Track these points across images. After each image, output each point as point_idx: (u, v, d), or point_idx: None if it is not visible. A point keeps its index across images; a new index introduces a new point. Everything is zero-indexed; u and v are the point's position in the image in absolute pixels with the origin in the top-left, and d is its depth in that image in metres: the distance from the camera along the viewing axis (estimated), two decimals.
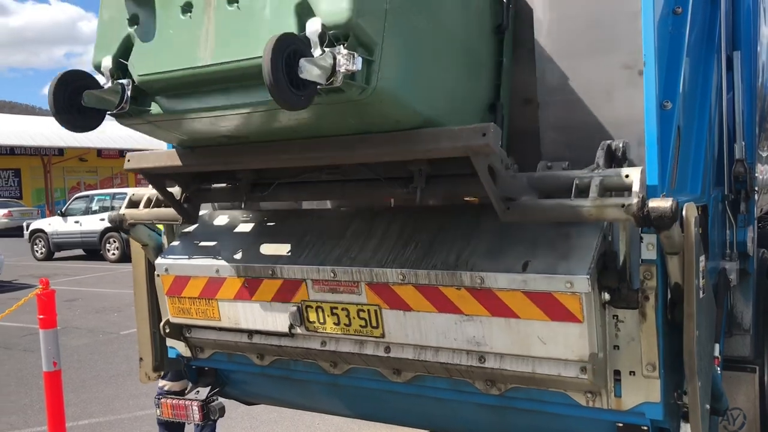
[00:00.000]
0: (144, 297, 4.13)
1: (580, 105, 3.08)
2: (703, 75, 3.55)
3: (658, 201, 2.52)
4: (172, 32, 2.68)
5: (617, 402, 2.87)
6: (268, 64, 2.15)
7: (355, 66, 2.28)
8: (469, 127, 2.58)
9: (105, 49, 2.84)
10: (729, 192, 3.92)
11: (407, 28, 2.55)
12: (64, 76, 2.68)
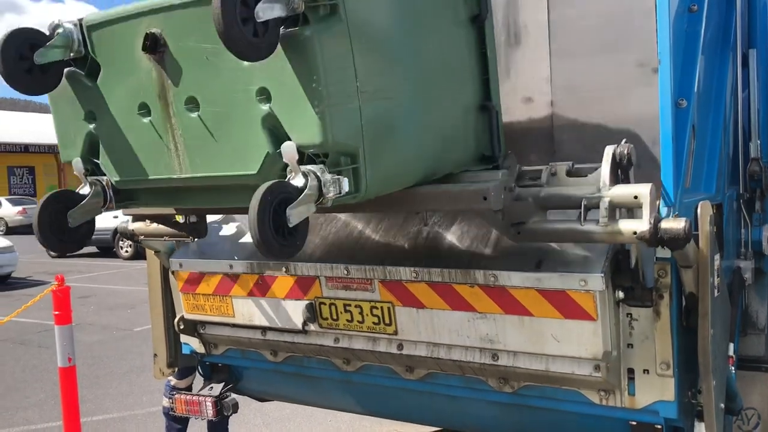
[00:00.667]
0: (158, 294, 4.16)
1: (593, 103, 3.07)
2: (719, 73, 3.52)
3: (671, 222, 2.50)
4: (138, 135, 2.61)
5: (631, 400, 2.86)
6: (255, 228, 2.07)
7: (343, 188, 2.24)
8: (470, 189, 2.55)
9: (70, 147, 2.81)
10: (744, 191, 3.89)
11: (384, 106, 2.42)
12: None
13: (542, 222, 2.71)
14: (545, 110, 3.13)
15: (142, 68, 2.48)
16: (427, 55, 2.61)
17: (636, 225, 2.49)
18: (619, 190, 2.55)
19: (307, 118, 2.19)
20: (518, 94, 3.17)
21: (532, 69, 3.14)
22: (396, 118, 2.48)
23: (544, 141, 3.15)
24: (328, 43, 2.18)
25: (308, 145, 2.22)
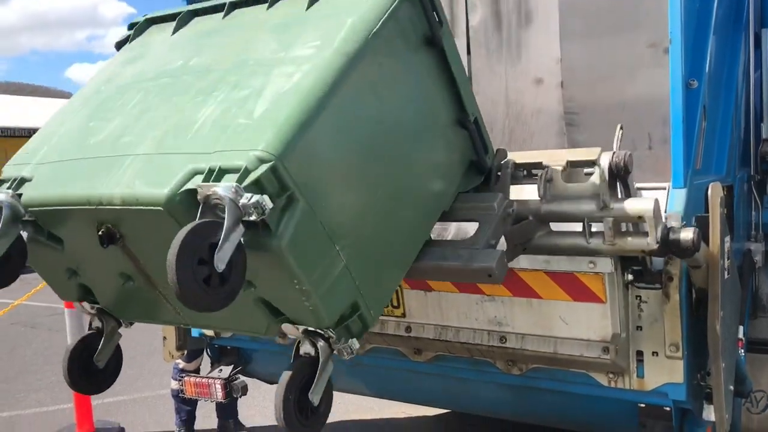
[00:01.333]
0: None
1: (604, 84, 3.04)
2: (731, 53, 3.48)
3: (680, 233, 2.49)
4: (130, 293, 2.47)
5: (640, 383, 2.86)
6: (281, 416, 2.11)
7: (354, 347, 2.26)
8: (473, 267, 2.45)
9: (65, 293, 2.73)
10: (755, 172, 3.86)
11: (366, 234, 2.28)
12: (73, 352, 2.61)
13: (547, 237, 2.69)
14: (555, 91, 3.10)
15: (109, 250, 2.24)
16: (396, 142, 2.42)
17: (643, 243, 2.50)
18: (621, 209, 2.51)
19: (299, 310, 2.13)
20: (529, 75, 3.15)
21: (543, 50, 3.11)
22: (380, 232, 2.34)
23: (554, 122, 3.13)
24: (297, 238, 1.99)
25: (308, 326, 2.19)
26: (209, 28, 2.68)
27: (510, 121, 3.21)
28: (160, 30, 2.83)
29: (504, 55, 3.19)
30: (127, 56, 2.82)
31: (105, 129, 2.39)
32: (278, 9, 2.54)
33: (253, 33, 2.51)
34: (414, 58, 2.43)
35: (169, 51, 2.68)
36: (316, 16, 2.39)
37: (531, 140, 3.17)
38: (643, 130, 2.96)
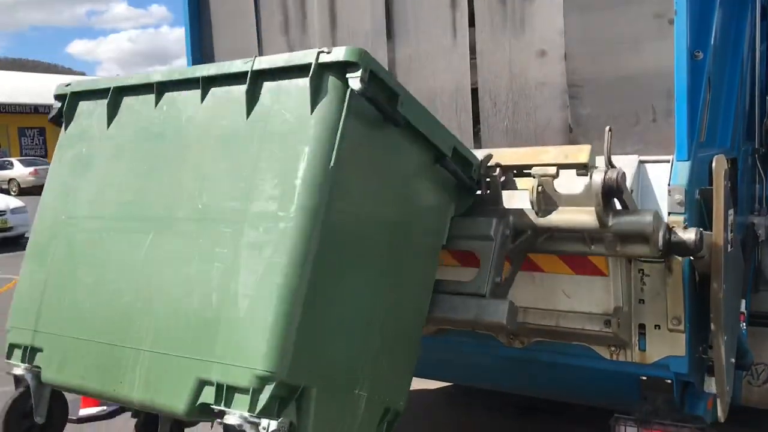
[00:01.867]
0: None
1: (608, 56, 3.00)
2: (736, 25, 3.44)
3: (683, 234, 2.51)
4: None
5: (641, 355, 2.86)
6: None
7: None
8: (486, 321, 2.56)
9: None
10: (760, 146, 3.84)
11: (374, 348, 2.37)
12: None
13: (549, 242, 2.72)
14: (559, 64, 3.06)
15: None
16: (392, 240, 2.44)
17: (646, 249, 2.52)
18: (619, 227, 2.52)
19: None
20: (533, 47, 3.11)
21: (546, 22, 3.07)
22: (389, 335, 2.43)
23: (557, 95, 3.10)
24: (319, 419, 2.13)
25: None
26: (146, 125, 2.60)
27: (513, 94, 3.18)
28: (93, 112, 2.78)
29: (508, 28, 3.15)
30: (72, 158, 2.81)
31: (91, 289, 2.53)
32: (214, 107, 2.42)
33: (199, 154, 2.42)
34: (380, 147, 2.34)
35: (115, 162, 2.66)
36: (262, 131, 2.26)
37: (534, 113, 3.14)
38: (647, 102, 2.93)
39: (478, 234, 2.66)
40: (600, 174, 2.47)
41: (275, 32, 3.89)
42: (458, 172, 2.62)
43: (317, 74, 2.14)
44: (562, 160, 2.65)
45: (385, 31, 3.47)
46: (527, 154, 2.78)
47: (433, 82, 3.38)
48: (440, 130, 2.56)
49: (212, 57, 4.12)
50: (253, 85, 2.29)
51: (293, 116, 2.19)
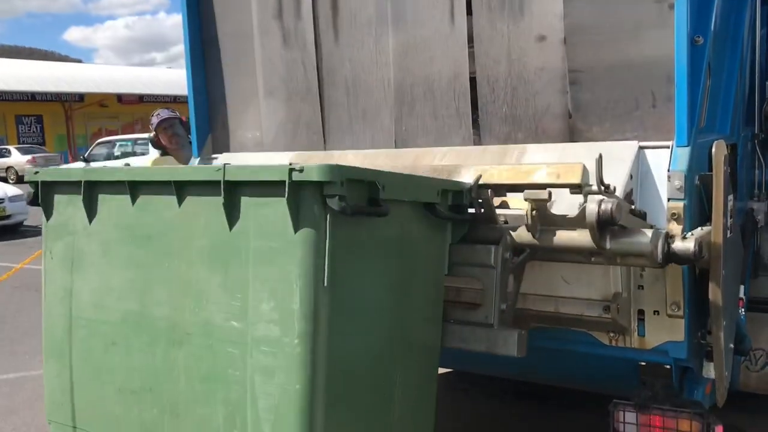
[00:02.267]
0: None
1: (607, 40, 2.99)
2: (737, 9, 3.42)
3: (682, 244, 2.50)
4: None
5: (641, 341, 2.87)
6: None
7: None
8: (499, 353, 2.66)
9: None
10: (759, 131, 3.82)
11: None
12: None
13: (551, 253, 2.73)
14: (559, 48, 3.05)
15: None
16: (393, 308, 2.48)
17: (647, 262, 2.54)
18: (618, 250, 2.55)
19: None
20: (532, 32, 3.09)
21: (545, 7, 3.05)
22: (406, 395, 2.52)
23: (556, 80, 3.08)
24: None
25: None
26: (129, 224, 2.58)
27: (512, 79, 3.16)
28: (70, 204, 2.76)
29: (506, 13, 3.13)
30: (62, 251, 2.81)
31: (118, 395, 2.59)
32: (194, 214, 2.38)
33: (189, 265, 2.40)
34: (369, 236, 2.30)
35: (106, 263, 2.65)
36: (247, 248, 2.23)
37: (533, 99, 3.13)
38: (646, 87, 2.92)
39: (479, 263, 2.69)
40: (594, 204, 2.46)
41: (269, 17, 3.87)
42: (450, 212, 2.64)
43: (293, 191, 2.09)
44: (554, 179, 2.65)
45: (389, 16, 3.45)
46: (519, 173, 2.77)
47: (431, 68, 3.37)
48: (424, 183, 2.55)
49: (210, 43, 4.10)
50: (229, 198, 2.25)
51: (276, 234, 2.15)
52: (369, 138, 3.61)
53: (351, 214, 2.10)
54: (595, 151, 2.90)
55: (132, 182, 2.53)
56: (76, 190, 2.68)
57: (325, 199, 2.07)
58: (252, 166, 2.25)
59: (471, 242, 2.74)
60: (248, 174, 2.20)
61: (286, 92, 3.86)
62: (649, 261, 2.52)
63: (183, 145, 5.23)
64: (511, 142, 3.21)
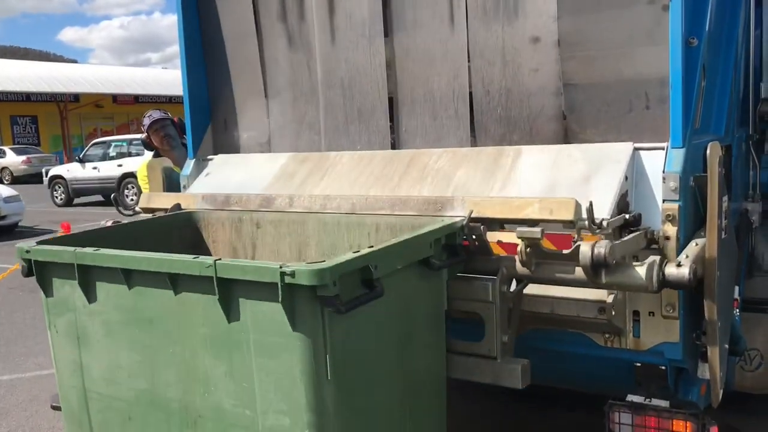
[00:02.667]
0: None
1: (601, 43, 2.99)
2: (731, 11, 3.43)
3: (676, 271, 2.53)
4: None
5: (636, 342, 2.88)
6: None
7: None
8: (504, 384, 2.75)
9: None
10: (753, 132, 3.84)
11: None
12: None
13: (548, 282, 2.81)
14: (553, 50, 3.05)
15: None
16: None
17: (642, 288, 2.58)
18: (613, 284, 2.61)
19: None
20: (526, 33, 3.09)
21: (540, 8, 3.05)
22: None
23: (551, 81, 3.09)
24: None
25: None
26: (129, 307, 2.59)
27: (507, 81, 3.16)
28: (66, 283, 2.75)
29: (501, 14, 3.14)
30: (65, 327, 2.81)
31: None
32: (191, 305, 2.39)
33: (192, 352, 2.42)
34: (368, 313, 2.30)
35: (112, 342, 2.66)
36: (248, 341, 2.26)
37: (528, 100, 3.14)
38: (640, 89, 2.92)
39: (477, 298, 2.77)
40: (587, 247, 2.50)
41: (273, 19, 3.87)
42: (444, 255, 2.67)
43: (287, 293, 2.11)
44: (546, 215, 2.67)
45: (382, 18, 3.45)
46: (511, 207, 2.79)
47: (431, 70, 3.37)
48: (417, 242, 2.54)
49: (208, 43, 4.09)
50: (223, 294, 2.27)
51: (274, 330, 2.18)
52: (365, 139, 3.61)
53: (346, 311, 2.13)
54: (589, 153, 2.92)
55: (125, 270, 2.54)
56: (71, 273, 2.69)
57: (320, 299, 2.10)
58: (244, 264, 2.25)
59: (467, 273, 2.81)
60: (240, 272, 2.22)
61: (291, 93, 3.87)
62: (644, 290, 2.58)
63: (175, 146, 5.20)
64: (506, 143, 3.21)
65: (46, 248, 2.77)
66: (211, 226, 3.54)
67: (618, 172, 2.80)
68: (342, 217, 3.12)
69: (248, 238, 3.41)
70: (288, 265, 2.10)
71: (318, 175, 3.53)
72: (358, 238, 3.04)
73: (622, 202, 2.77)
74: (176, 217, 3.56)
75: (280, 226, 3.28)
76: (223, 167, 3.98)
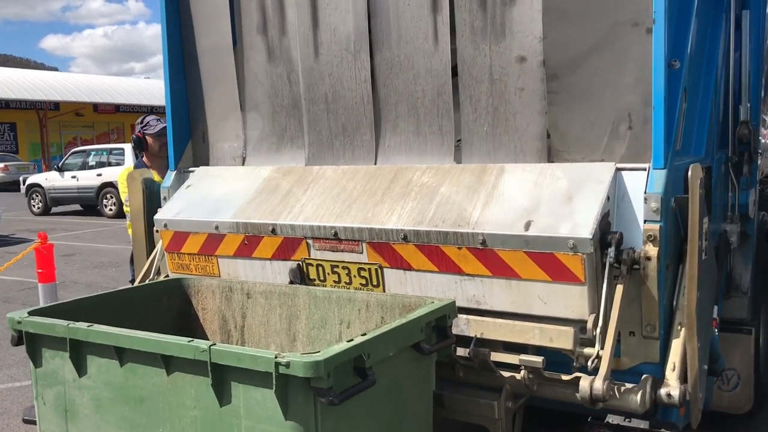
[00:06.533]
0: (143, 252, 4.13)
1: (586, 62, 3.02)
2: (711, 34, 3.48)
3: (667, 399, 2.74)
4: None
5: (616, 362, 2.88)
6: None
7: None
8: None
9: None
10: (732, 154, 3.88)
11: None
12: None
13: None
14: (538, 70, 3.07)
15: None
16: None
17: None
18: (610, 403, 2.76)
19: None
20: (512, 53, 3.11)
21: (526, 28, 3.08)
22: None
23: (536, 101, 3.11)
24: None
25: None
26: (120, 384, 2.59)
27: (493, 99, 3.18)
28: (57, 356, 2.74)
29: (489, 33, 3.16)
30: (54, 400, 2.80)
31: None
32: (184, 386, 2.41)
33: (180, 430, 2.43)
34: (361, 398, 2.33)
35: (101, 419, 2.66)
36: (239, 426, 2.28)
37: (514, 119, 3.15)
38: (623, 110, 2.95)
39: (485, 414, 3.00)
40: (587, 383, 2.72)
41: (253, 32, 3.86)
42: (433, 337, 2.72)
43: (281, 383, 2.15)
44: (546, 343, 2.86)
45: (368, 32, 3.46)
46: (513, 332, 2.94)
47: (414, 86, 3.38)
48: (408, 327, 2.58)
49: (189, 55, 4.08)
50: (217, 378, 2.29)
51: (267, 417, 2.22)
52: (349, 154, 3.60)
53: (339, 402, 2.15)
54: (572, 172, 2.94)
55: (118, 348, 2.54)
56: (62, 346, 2.68)
57: (314, 390, 2.13)
58: (239, 352, 2.27)
59: (472, 387, 3.03)
60: (235, 360, 2.24)
61: (271, 107, 3.85)
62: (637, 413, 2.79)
63: (164, 157, 5.17)
64: (491, 161, 3.23)
65: (38, 320, 2.76)
66: (201, 293, 3.53)
67: (600, 192, 2.82)
68: (332, 292, 3.16)
69: (238, 308, 3.42)
70: (283, 355, 2.13)
71: (301, 189, 3.51)
72: (348, 314, 3.08)
73: (603, 221, 2.78)
74: (166, 284, 3.57)
75: (271, 297, 3.31)
76: (204, 179, 3.95)
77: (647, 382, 2.76)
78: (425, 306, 2.73)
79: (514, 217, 2.89)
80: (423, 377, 2.73)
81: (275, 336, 3.25)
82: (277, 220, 3.40)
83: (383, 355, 2.40)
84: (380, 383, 2.35)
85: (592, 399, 2.70)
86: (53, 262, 5.40)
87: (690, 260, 2.70)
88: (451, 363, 3.04)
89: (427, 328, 2.66)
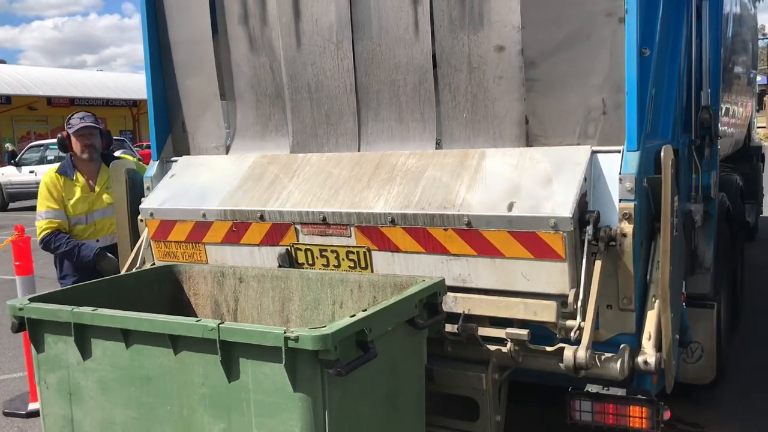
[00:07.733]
0: (127, 240, 4.17)
1: (562, 52, 3.15)
2: (675, 24, 3.65)
3: (644, 366, 2.94)
4: None
5: (595, 334, 3.04)
6: None
7: None
8: None
9: None
10: (695, 137, 4.08)
11: None
12: None
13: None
14: (516, 58, 3.21)
15: None
16: None
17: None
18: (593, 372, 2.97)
19: None
20: (491, 42, 3.24)
21: (504, 18, 3.20)
22: None
23: (514, 88, 3.24)
24: None
25: None
26: (125, 366, 2.65)
27: (473, 87, 3.31)
28: (60, 340, 2.79)
29: (467, 24, 3.28)
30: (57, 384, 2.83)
31: None
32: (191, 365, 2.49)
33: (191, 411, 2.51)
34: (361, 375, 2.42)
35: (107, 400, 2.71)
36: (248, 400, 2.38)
37: (493, 106, 3.28)
38: (597, 96, 3.10)
39: (473, 386, 3.15)
40: (570, 352, 2.91)
41: (234, 22, 3.91)
42: (425, 314, 2.85)
43: (290, 357, 2.25)
44: (531, 317, 3.02)
45: (350, 22, 3.55)
46: (499, 307, 3.10)
47: (396, 75, 3.48)
48: (405, 304, 2.71)
49: (168, 46, 4.11)
50: (226, 356, 2.38)
51: (275, 390, 2.32)
52: (333, 141, 3.70)
53: (346, 374, 2.27)
54: (550, 155, 3.09)
55: (125, 330, 2.60)
56: (67, 331, 2.73)
57: (321, 363, 2.25)
58: (248, 329, 2.36)
59: (461, 360, 3.20)
60: (244, 336, 2.34)
61: (254, 96, 3.91)
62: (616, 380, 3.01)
63: (93, 158, 4.97)
64: (470, 146, 3.36)
65: (41, 307, 2.81)
66: (192, 279, 3.60)
67: (578, 173, 2.97)
68: (325, 274, 3.26)
69: (230, 292, 3.49)
70: (292, 330, 2.24)
71: (287, 175, 3.60)
72: (341, 294, 3.20)
73: (582, 201, 2.94)
74: (157, 271, 3.62)
75: (263, 281, 3.39)
76: (187, 169, 4.00)
77: (625, 351, 2.93)
78: (417, 284, 2.86)
79: (497, 199, 3.02)
80: (416, 352, 2.86)
81: (268, 318, 3.34)
82: (265, 206, 3.49)
83: (382, 330, 2.53)
84: (379, 357, 2.46)
85: (576, 367, 2.87)
86: (30, 255, 5.37)
87: (663, 236, 2.87)
88: (440, 339, 3.17)
89: (420, 305, 2.79)
